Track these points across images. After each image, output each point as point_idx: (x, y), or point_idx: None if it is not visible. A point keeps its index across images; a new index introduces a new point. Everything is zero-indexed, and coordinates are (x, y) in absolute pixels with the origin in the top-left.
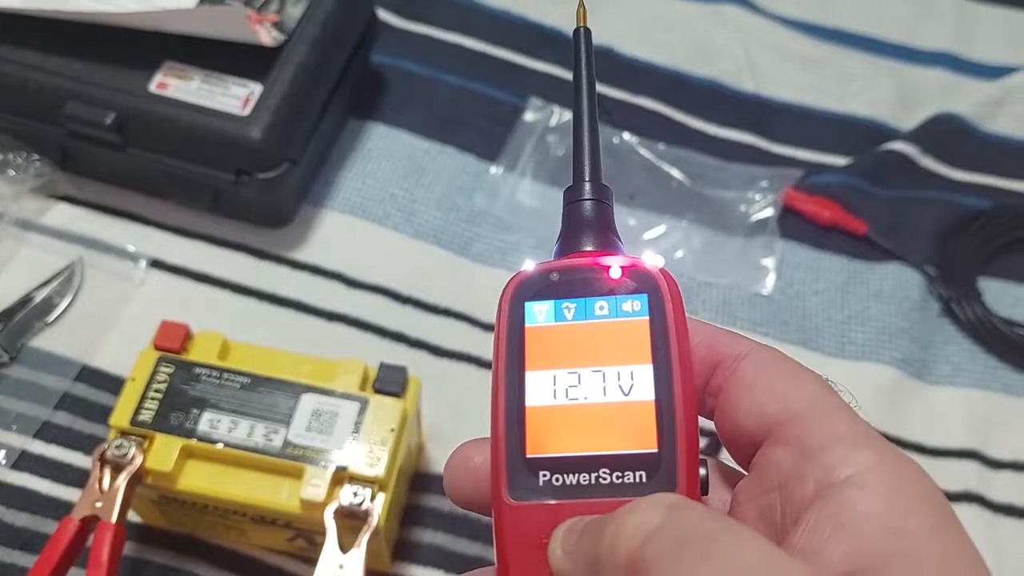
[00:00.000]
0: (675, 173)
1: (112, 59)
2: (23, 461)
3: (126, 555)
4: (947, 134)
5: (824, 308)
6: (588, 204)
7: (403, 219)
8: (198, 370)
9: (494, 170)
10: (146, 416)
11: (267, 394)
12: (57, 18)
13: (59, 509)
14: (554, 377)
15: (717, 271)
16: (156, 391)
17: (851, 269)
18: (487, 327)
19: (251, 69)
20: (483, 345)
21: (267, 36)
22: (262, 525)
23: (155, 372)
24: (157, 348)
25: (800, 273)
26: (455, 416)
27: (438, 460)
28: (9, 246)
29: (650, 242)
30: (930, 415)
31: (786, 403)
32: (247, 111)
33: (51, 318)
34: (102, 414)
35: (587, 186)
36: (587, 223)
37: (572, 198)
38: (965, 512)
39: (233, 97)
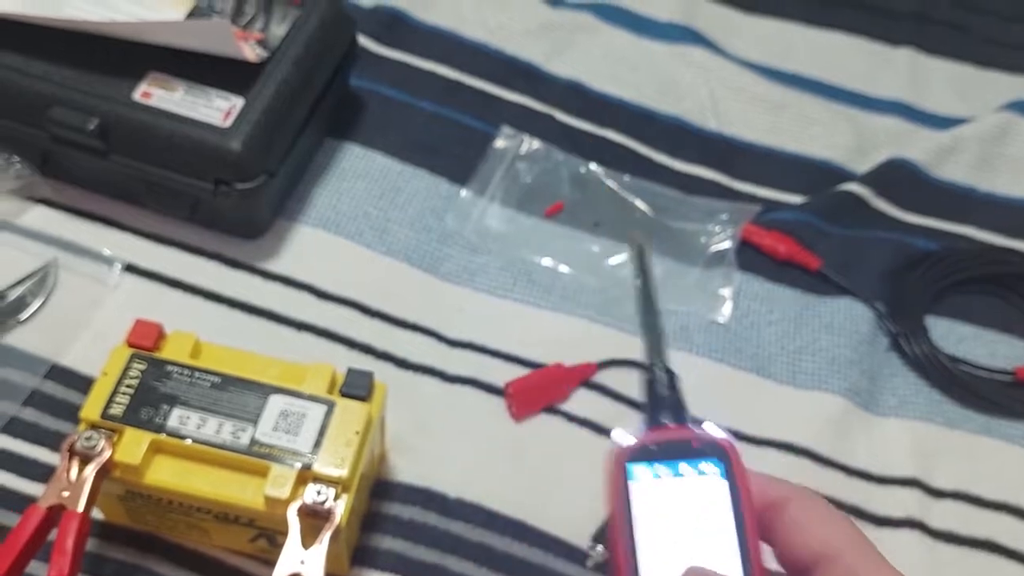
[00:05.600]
0: (639, 204)
1: (98, 67)
2: None
3: (87, 551)
4: (899, 178)
5: (777, 338)
6: (667, 386)
7: (375, 237)
8: (170, 368)
9: (464, 194)
10: (117, 410)
11: (236, 393)
12: (46, 25)
13: (23, 503)
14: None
15: (677, 299)
16: (128, 386)
17: (804, 302)
18: (452, 343)
19: (234, 83)
20: (447, 360)
21: (251, 52)
22: (225, 524)
23: (127, 368)
24: (130, 345)
25: (755, 303)
26: (417, 427)
27: (400, 468)
28: None
29: (614, 267)
30: (876, 444)
31: (831, 543)
32: (228, 123)
33: (23, 316)
34: (70, 412)
35: (663, 372)
36: (668, 402)
37: (652, 378)
38: (907, 538)
39: (215, 109)
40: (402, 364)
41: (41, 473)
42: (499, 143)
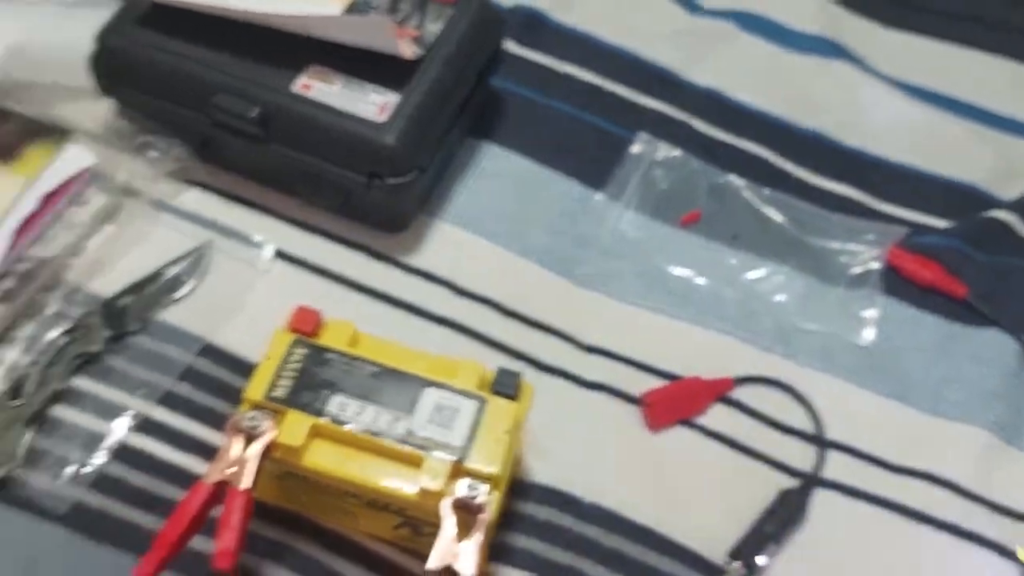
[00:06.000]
0: (778, 218)
1: (260, 57)
2: (146, 426)
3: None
4: None
5: (922, 366)
6: None
7: (511, 237)
8: (329, 355)
9: (600, 198)
10: (280, 393)
11: (392, 384)
12: (213, 14)
13: (176, 474)
14: None
15: (817, 318)
16: (290, 370)
17: (949, 330)
18: (587, 348)
19: (389, 79)
20: (581, 365)
21: (408, 49)
22: (374, 510)
23: (290, 353)
24: (292, 331)
25: (899, 329)
26: (551, 429)
27: (535, 469)
28: (144, 224)
29: (752, 282)
30: (1020, 481)
31: None
32: (384, 118)
33: (179, 295)
34: (221, 389)
35: None
36: None
37: None
38: None
39: (371, 104)
40: (537, 365)
41: (193, 446)
42: (636, 148)
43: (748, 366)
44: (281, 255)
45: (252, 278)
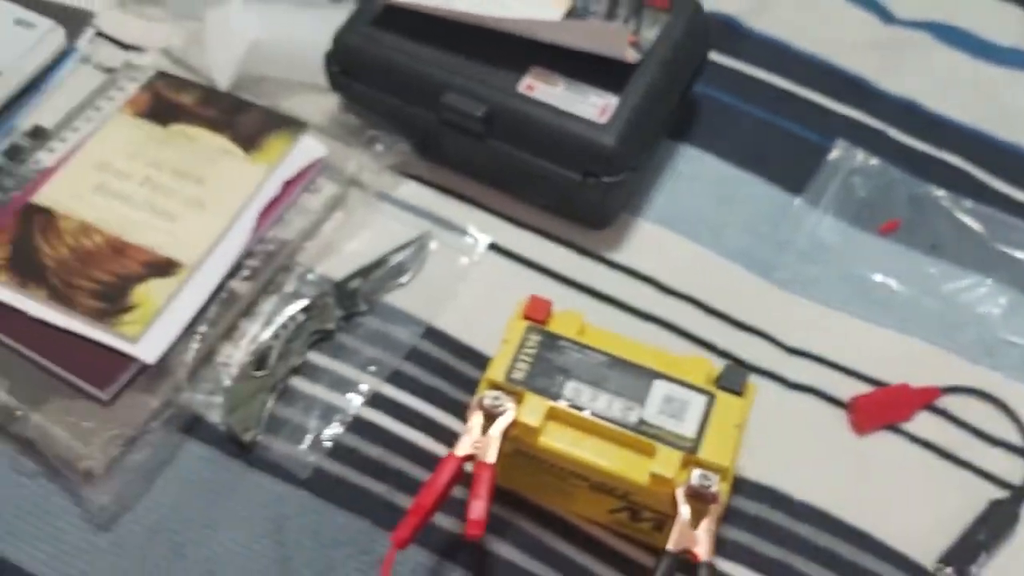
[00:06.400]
0: (980, 229)
1: (486, 58)
2: (376, 401)
3: (462, 499)
4: None
5: None
6: None
7: (711, 237)
8: (562, 342)
9: (798, 203)
10: (518, 375)
11: (623, 374)
12: (442, 16)
13: (405, 448)
14: None
15: (1023, 331)
16: (526, 355)
17: None
18: (790, 350)
19: (607, 81)
20: (785, 366)
21: (631, 53)
22: (596, 493)
23: (525, 338)
24: (525, 318)
25: None
26: (759, 428)
27: (745, 466)
28: (368, 213)
29: (953, 292)
30: None
31: None
32: (604, 119)
33: (403, 280)
34: (444, 370)
35: None
36: None
37: None
38: None
39: (591, 105)
40: (742, 365)
41: (421, 422)
42: (834, 155)
43: (953, 376)
44: (494, 247)
45: (467, 268)
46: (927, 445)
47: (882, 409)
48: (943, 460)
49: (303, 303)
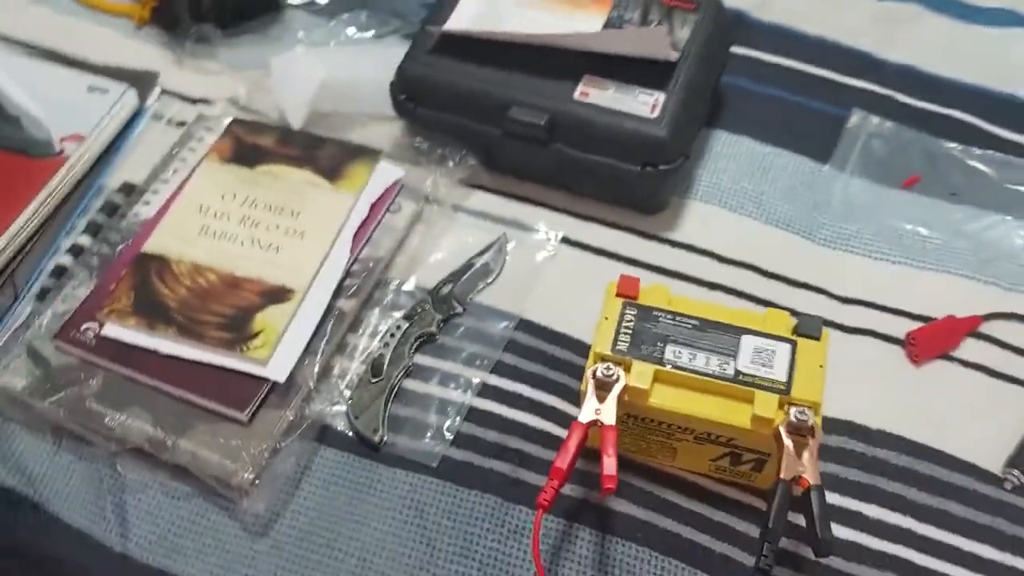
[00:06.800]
0: (992, 173)
1: (540, 72)
2: (485, 391)
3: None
4: None
5: None
6: None
7: (755, 208)
8: (656, 313)
9: (826, 169)
10: (622, 346)
11: (714, 334)
12: (494, 39)
13: (518, 428)
14: None
15: None
16: (626, 327)
17: None
18: (844, 300)
19: (651, 80)
20: (841, 314)
21: (672, 53)
22: (699, 444)
23: (623, 313)
24: (619, 295)
25: None
26: (827, 371)
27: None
28: (446, 224)
29: (979, 231)
30: None
31: None
32: (655, 114)
33: (490, 279)
34: (540, 356)
35: None
36: None
37: None
38: None
39: (641, 103)
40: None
41: (527, 404)
42: (852, 123)
43: (991, 304)
44: (566, 241)
45: (545, 261)
46: (977, 367)
47: (934, 340)
48: (993, 378)
49: (403, 312)
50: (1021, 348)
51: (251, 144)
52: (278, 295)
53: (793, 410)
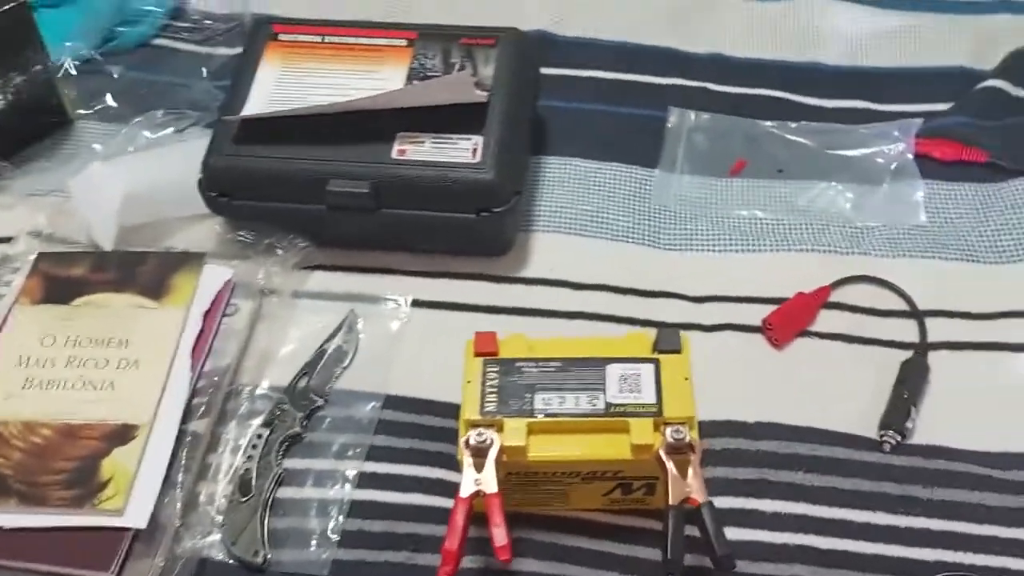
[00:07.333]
0: (810, 143)
1: (352, 139)
2: (364, 480)
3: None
4: None
5: (973, 227)
6: None
7: (598, 227)
8: (518, 364)
9: (657, 173)
10: (491, 407)
11: (578, 371)
12: (299, 115)
13: (405, 511)
14: None
15: (876, 215)
16: (491, 387)
17: (985, 191)
18: (699, 299)
19: (468, 125)
20: (699, 314)
21: (479, 94)
22: (588, 482)
23: (485, 372)
24: (478, 355)
25: (944, 202)
26: (698, 373)
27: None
28: (289, 314)
29: (808, 204)
30: None
31: None
32: (478, 159)
33: (347, 362)
34: (414, 429)
35: None
36: None
37: None
38: None
39: (462, 150)
40: (664, 326)
41: (410, 483)
42: (671, 123)
43: (835, 272)
44: (417, 303)
45: (400, 329)
46: (835, 336)
47: (789, 321)
48: (852, 344)
49: (262, 418)
50: (871, 308)
51: (63, 277)
52: (122, 435)
53: (669, 430)
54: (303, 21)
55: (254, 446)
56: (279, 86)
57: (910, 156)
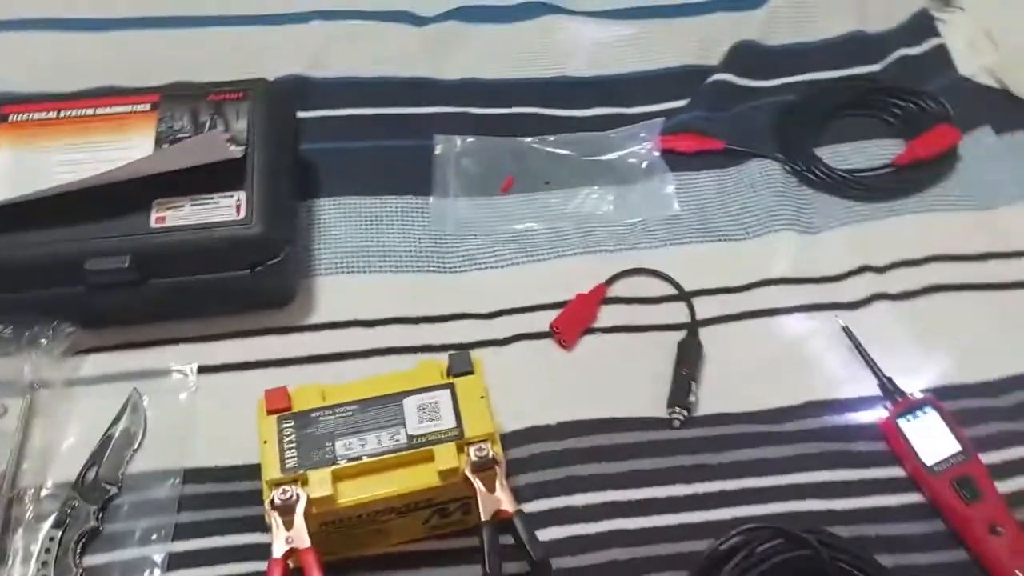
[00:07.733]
0: (571, 153)
1: (109, 213)
2: (175, 561)
3: None
4: (748, 56)
5: (720, 209)
6: None
7: (380, 262)
8: (314, 414)
9: (432, 200)
10: (291, 463)
11: (375, 410)
12: (45, 196)
13: None
14: None
15: (635, 212)
16: (289, 443)
17: (725, 176)
18: (488, 315)
19: (227, 182)
20: (492, 330)
21: (234, 150)
22: (405, 516)
23: (280, 429)
24: (271, 413)
25: (692, 191)
26: (498, 387)
27: (502, 425)
28: (66, 405)
29: (575, 210)
30: (825, 253)
31: None
32: (243, 215)
33: (136, 444)
34: (219, 499)
35: None
36: None
37: None
38: (878, 308)
39: (225, 208)
40: (459, 347)
41: (225, 555)
42: (438, 150)
43: (608, 269)
44: (203, 369)
45: (188, 400)
46: (617, 329)
47: (573, 321)
48: (632, 333)
49: (52, 519)
50: (644, 297)
51: None
52: None
53: (471, 449)
54: (32, 97)
55: (47, 550)
56: (18, 170)
57: (657, 153)
